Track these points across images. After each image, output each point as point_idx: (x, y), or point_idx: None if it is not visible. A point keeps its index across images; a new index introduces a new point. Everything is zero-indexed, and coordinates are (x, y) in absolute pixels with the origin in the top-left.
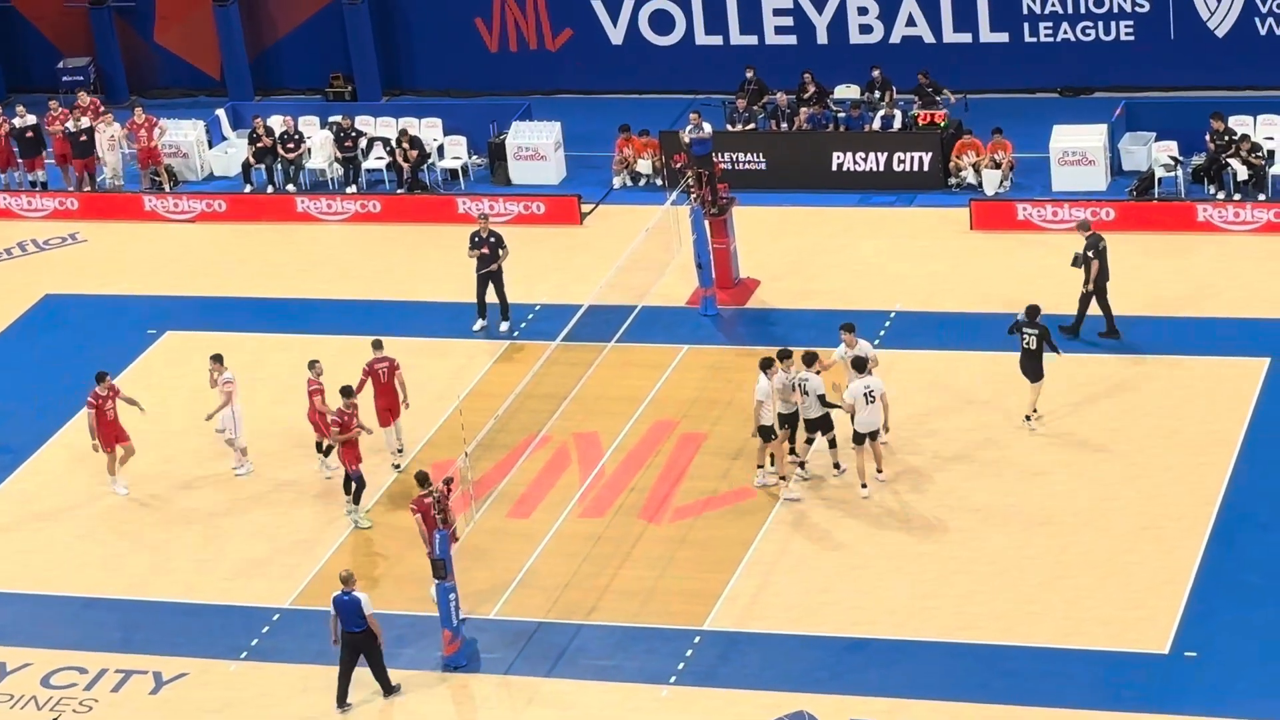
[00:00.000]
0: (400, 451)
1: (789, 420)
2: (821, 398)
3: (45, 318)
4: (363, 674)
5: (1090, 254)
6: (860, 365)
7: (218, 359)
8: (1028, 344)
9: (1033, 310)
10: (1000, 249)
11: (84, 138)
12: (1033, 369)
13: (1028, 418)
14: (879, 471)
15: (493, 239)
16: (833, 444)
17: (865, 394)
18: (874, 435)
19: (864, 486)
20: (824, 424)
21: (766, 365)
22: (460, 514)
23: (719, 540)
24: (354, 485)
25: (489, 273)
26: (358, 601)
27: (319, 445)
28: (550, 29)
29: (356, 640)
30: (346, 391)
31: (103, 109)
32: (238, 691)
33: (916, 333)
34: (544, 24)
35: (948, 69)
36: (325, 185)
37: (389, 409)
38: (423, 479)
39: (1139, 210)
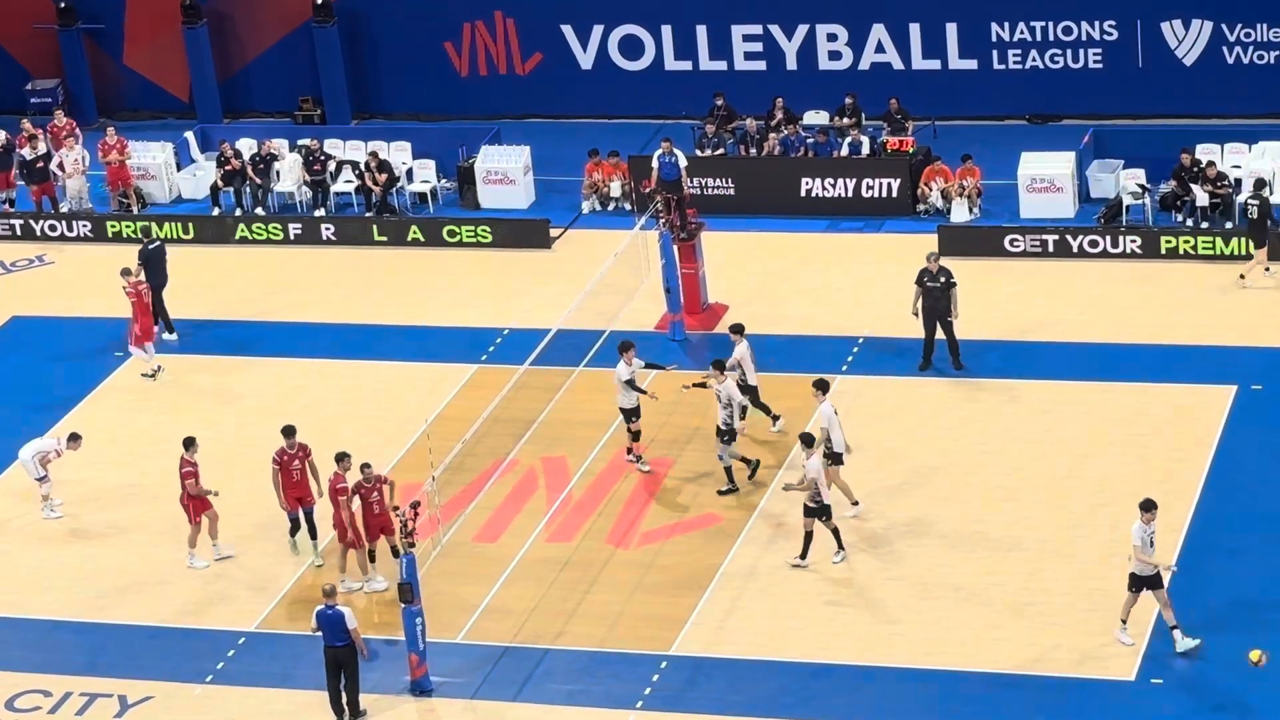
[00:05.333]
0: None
1: None
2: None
3: (12, 340)
4: (320, 697)
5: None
6: (810, 440)
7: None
8: (1251, 214)
9: (1260, 183)
10: (968, 275)
11: (40, 164)
12: (1258, 235)
13: (1267, 269)
14: (841, 550)
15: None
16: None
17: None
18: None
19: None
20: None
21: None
22: (427, 537)
23: (686, 565)
24: (302, 525)
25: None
26: (341, 616)
27: (371, 553)
28: (520, 53)
29: (339, 655)
30: (289, 431)
31: (78, 131)
32: (203, 715)
33: (884, 359)
34: (514, 48)
35: (917, 96)
36: (294, 208)
37: (149, 330)
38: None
39: (1106, 237)
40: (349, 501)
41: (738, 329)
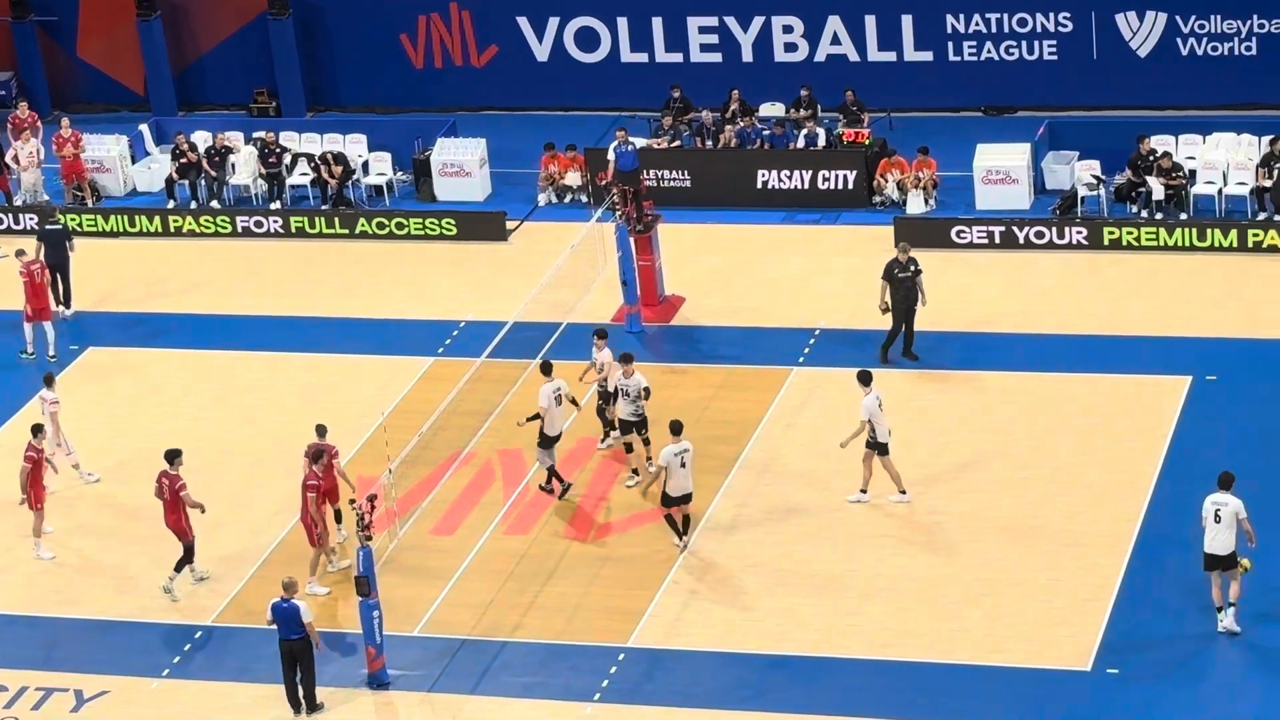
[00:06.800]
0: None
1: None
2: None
3: None
4: (278, 690)
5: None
6: (677, 429)
7: (48, 380)
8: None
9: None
10: (924, 267)
11: None
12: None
13: None
14: (681, 538)
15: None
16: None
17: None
18: (686, 499)
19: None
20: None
21: (865, 380)
22: (384, 530)
23: (643, 557)
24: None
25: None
26: (296, 609)
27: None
28: (476, 45)
29: (293, 648)
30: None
31: (39, 125)
32: (160, 709)
33: (840, 350)
34: (469, 40)
35: (872, 87)
36: (249, 201)
37: (42, 310)
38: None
39: (1053, 228)
40: (319, 500)
41: (601, 334)
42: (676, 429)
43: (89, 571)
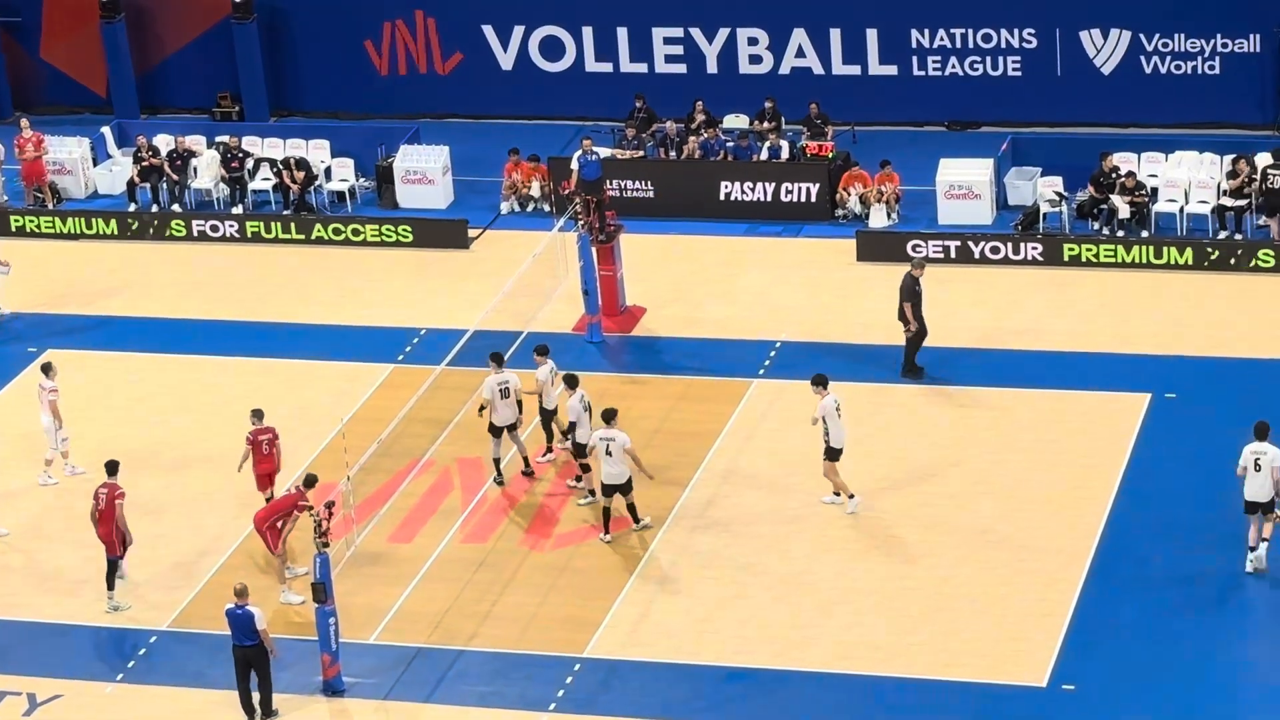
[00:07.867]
0: None
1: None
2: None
3: None
4: (232, 696)
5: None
6: (609, 416)
7: (46, 368)
8: (1273, 183)
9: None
10: (886, 280)
11: None
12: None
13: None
14: (606, 533)
15: None
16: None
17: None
18: (625, 488)
19: (606, 533)
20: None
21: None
22: (341, 538)
23: (601, 568)
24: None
25: None
26: (250, 616)
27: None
28: (440, 53)
29: (248, 654)
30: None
31: None
32: (113, 714)
33: (802, 363)
34: (434, 48)
35: (837, 101)
36: (211, 205)
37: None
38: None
39: (1008, 244)
40: (290, 521)
41: (542, 350)
42: (608, 416)
43: (43, 574)
